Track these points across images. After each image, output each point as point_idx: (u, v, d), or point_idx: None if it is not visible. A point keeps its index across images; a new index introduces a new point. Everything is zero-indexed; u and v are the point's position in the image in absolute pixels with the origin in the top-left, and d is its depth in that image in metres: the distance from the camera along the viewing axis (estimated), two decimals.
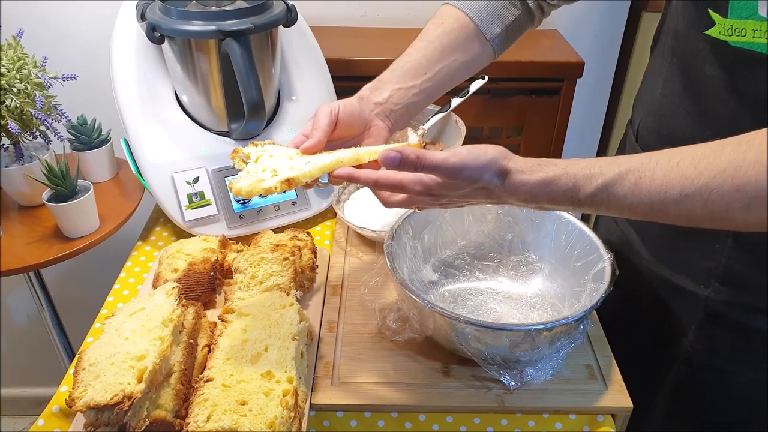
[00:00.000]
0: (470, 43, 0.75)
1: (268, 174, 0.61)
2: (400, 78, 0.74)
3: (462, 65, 0.76)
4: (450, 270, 0.83)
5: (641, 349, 0.82)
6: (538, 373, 0.67)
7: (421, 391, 0.68)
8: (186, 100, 0.93)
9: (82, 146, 1.05)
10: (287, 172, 0.61)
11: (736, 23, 0.57)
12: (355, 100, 0.72)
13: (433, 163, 0.54)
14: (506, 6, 0.76)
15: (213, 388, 0.61)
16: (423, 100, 0.76)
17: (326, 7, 1.30)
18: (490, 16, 0.75)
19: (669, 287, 0.76)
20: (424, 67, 0.74)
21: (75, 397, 0.57)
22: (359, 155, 0.62)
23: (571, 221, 0.77)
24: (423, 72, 0.74)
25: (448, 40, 0.74)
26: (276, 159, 0.64)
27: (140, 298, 0.73)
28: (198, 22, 0.83)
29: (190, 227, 0.90)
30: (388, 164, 0.54)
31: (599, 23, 1.37)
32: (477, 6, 0.75)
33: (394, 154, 0.54)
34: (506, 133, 1.30)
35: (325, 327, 0.76)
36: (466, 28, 0.75)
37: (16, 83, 0.91)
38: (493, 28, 0.75)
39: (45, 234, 0.95)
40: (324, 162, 0.62)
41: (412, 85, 0.74)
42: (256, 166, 0.63)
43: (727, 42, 0.59)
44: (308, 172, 0.61)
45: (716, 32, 0.59)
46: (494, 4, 0.75)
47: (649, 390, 0.81)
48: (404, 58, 0.75)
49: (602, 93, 1.47)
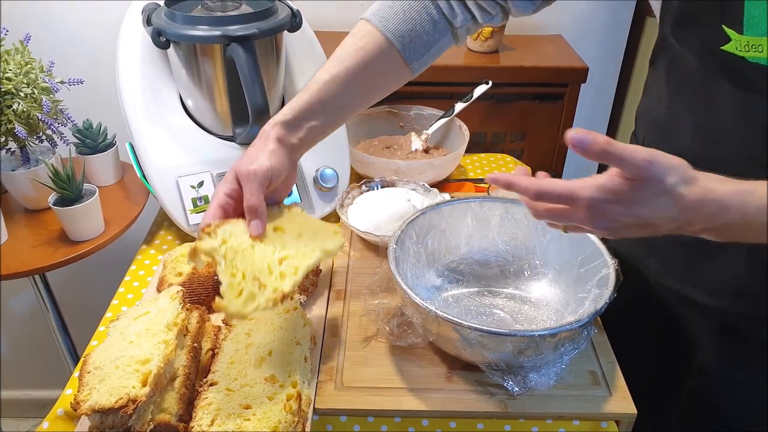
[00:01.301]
0: (390, 69, 0.71)
1: (250, 283, 0.58)
2: (316, 112, 0.68)
3: (377, 92, 0.73)
4: (454, 275, 0.83)
5: (650, 358, 0.81)
6: (541, 379, 0.67)
7: (424, 396, 0.68)
8: (191, 105, 0.93)
9: (87, 150, 1.05)
10: (272, 280, 0.59)
11: (753, 39, 0.56)
12: (282, 153, 0.66)
13: (622, 151, 0.48)
14: (429, 32, 0.70)
15: (217, 392, 0.61)
16: (330, 132, 0.72)
17: (331, 12, 1.30)
18: (413, 42, 0.69)
19: (679, 299, 0.75)
20: (339, 99, 0.69)
21: (80, 401, 0.58)
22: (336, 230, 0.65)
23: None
24: (339, 105, 0.70)
25: (366, 66, 0.68)
26: (242, 254, 0.60)
27: (145, 302, 0.73)
28: (203, 27, 0.83)
29: (195, 231, 0.91)
30: (577, 144, 0.48)
31: (603, 28, 1.37)
32: (399, 29, 0.69)
33: (582, 135, 0.48)
34: (509, 138, 1.30)
35: (329, 331, 0.76)
36: (387, 54, 0.69)
37: (23, 87, 0.92)
38: (415, 54, 0.70)
39: (50, 237, 0.96)
40: (308, 263, 0.62)
41: (325, 120, 0.69)
42: (231, 273, 0.58)
43: (744, 58, 0.58)
44: (296, 280, 0.60)
45: (733, 48, 0.58)
46: (417, 29, 0.69)
47: (660, 400, 0.81)
48: (321, 88, 0.68)
49: (606, 98, 1.47)
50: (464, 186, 1.10)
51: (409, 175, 1.01)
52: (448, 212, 0.82)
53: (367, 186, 0.99)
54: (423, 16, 0.69)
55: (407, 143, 1.14)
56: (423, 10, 0.69)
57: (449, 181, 1.11)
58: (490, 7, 0.71)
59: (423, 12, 0.69)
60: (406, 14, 0.69)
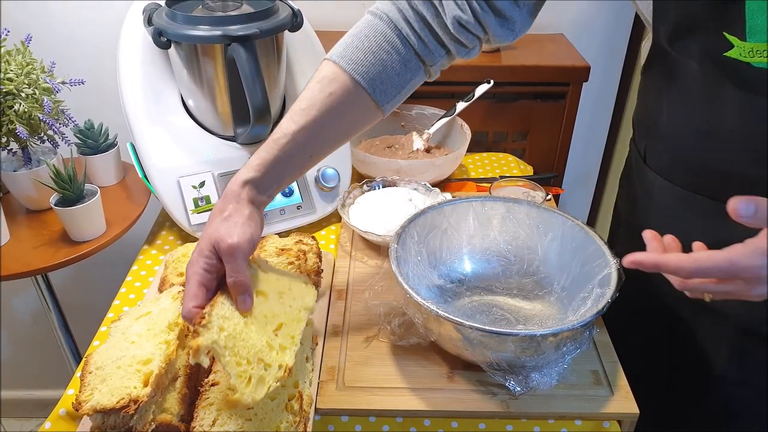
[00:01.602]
0: (362, 113, 0.68)
1: (256, 367, 0.57)
2: (285, 165, 0.65)
3: (347, 136, 0.70)
4: (455, 275, 0.83)
5: (652, 358, 0.81)
6: (543, 379, 0.67)
7: (426, 396, 0.68)
8: (192, 105, 0.93)
9: (89, 150, 1.05)
10: (274, 357, 0.59)
11: (756, 46, 0.56)
12: (256, 215, 0.63)
13: None
14: (401, 73, 0.66)
15: (219, 392, 0.61)
16: (297, 178, 0.71)
17: (332, 11, 1.30)
18: (384, 84, 0.65)
19: (691, 305, 0.75)
20: (309, 149, 0.66)
21: (81, 401, 0.58)
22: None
23: (577, 226, 0.77)
24: (309, 155, 0.66)
25: (335, 112, 0.65)
26: (241, 338, 0.58)
27: (146, 302, 0.73)
28: (204, 27, 0.83)
29: (196, 231, 0.91)
30: (743, 213, 0.47)
31: (605, 27, 1.37)
32: (371, 73, 0.64)
33: (745, 203, 0.46)
34: (511, 137, 1.30)
35: (330, 331, 0.76)
36: (357, 98, 0.65)
37: (25, 88, 0.92)
38: (388, 97, 0.67)
39: (52, 238, 0.96)
40: (300, 327, 0.63)
41: (294, 170, 0.67)
42: (237, 363, 0.56)
43: (749, 63, 0.57)
44: (296, 350, 0.61)
45: (736, 54, 0.57)
46: (389, 72, 0.65)
47: (662, 400, 0.80)
48: (290, 141, 0.64)
49: (608, 97, 1.46)
50: (466, 185, 1.10)
51: (410, 174, 1.01)
52: (450, 212, 0.82)
53: (369, 186, 0.99)
54: (393, 56, 0.65)
55: (409, 143, 1.14)
56: (393, 51, 0.65)
57: (451, 180, 1.11)
58: (468, 41, 0.66)
59: (393, 52, 0.65)
60: (376, 56, 0.64)
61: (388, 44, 0.65)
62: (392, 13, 0.65)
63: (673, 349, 0.80)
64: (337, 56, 0.65)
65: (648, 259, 0.52)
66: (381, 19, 0.65)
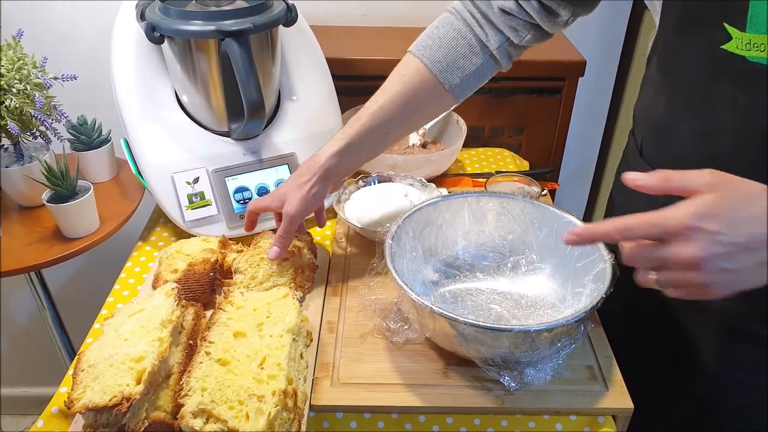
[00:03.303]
0: (430, 94, 0.76)
1: (248, 402, 0.58)
2: (367, 139, 0.75)
3: (421, 118, 0.80)
4: (450, 270, 0.82)
5: (647, 353, 0.81)
6: (538, 374, 0.67)
7: (421, 392, 0.68)
8: (186, 100, 0.93)
9: (82, 146, 1.05)
10: (266, 387, 0.60)
11: (754, 38, 0.56)
12: (320, 191, 0.76)
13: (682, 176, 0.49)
14: (466, 56, 0.75)
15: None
16: (371, 157, 0.81)
17: (327, 6, 1.29)
18: (449, 66, 0.74)
19: (679, 301, 0.75)
20: (386, 126, 0.76)
21: (74, 399, 0.57)
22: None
23: (573, 221, 0.77)
24: (386, 132, 0.76)
25: (406, 95, 0.75)
26: (224, 384, 0.60)
27: (140, 299, 0.73)
28: (198, 22, 0.83)
29: (190, 228, 0.90)
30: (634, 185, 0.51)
31: (601, 22, 1.36)
32: (436, 56, 0.74)
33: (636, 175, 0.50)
34: (508, 132, 1.30)
35: (325, 327, 0.76)
36: (427, 80, 0.75)
37: (16, 83, 0.91)
38: (452, 79, 0.75)
39: (45, 234, 0.95)
40: (286, 352, 0.64)
41: (372, 147, 0.78)
42: (229, 407, 0.58)
43: (745, 57, 0.57)
44: (286, 373, 0.62)
45: (733, 47, 0.58)
46: (453, 55, 0.74)
47: (657, 395, 0.80)
48: (371, 117, 0.75)
49: (605, 92, 1.46)
50: (462, 181, 1.10)
51: (406, 170, 1.01)
52: (445, 207, 0.82)
53: (364, 181, 0.99)
54: (459, 42, 0.74)
55: (405, 138, 1.13)
56: (460, 37, 0.74)
57: (447, 176, 1.10)
58: (521, 27, 0.74)
59: (460, 39, 0.74)
60: (442, 41, 0.74)
61: (454, 31, 0.75)
62: (458, 5, 0.76)
63: (666, 345, 0.80)
64: (413, 47, 0.76)
65: (583, 231, 0.52)
66: (450, 12, 0.77)
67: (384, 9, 1.31)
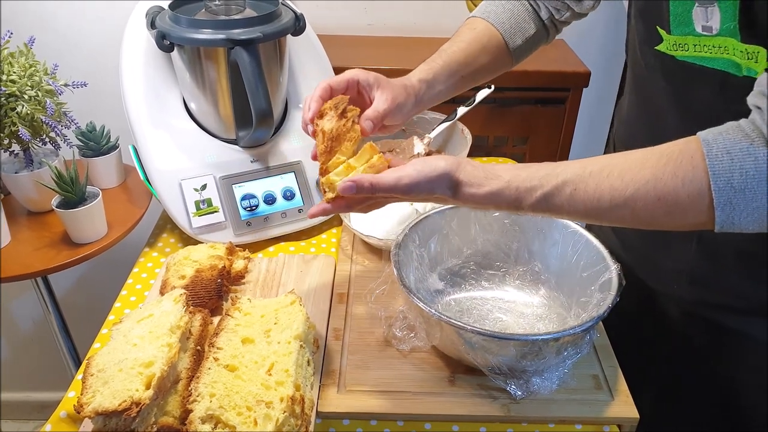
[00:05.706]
0: (496, 50, 0.80)
1: (256, 408, 0.59)
2: (446, 75, 0.78)
3: (485, 71, 0.82)
4: (456, 279, 0.83)
5: (652, 362, 0.82)
6: (544, 383, 0.67)
7: (427, 399, 0.68)
8: (194, 108, 0.94)
9: (91, 153, 1.05)
10: (274, 393, 0.61)
11: (678, 39, 0.61)
12: (411, 105, 0.75)
13: (387, 186, 0.57)
14: (527, 20, 0.81)
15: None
16: (442, 98, 0.80)
17: (333, 16, 1.31)
18: (513, 28, 0.80)
19: (648, 292, 0.79)
20: (461, 67, 0.78)
21: (83, 403, 0.57)
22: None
23: (578, 231, 0.77)
24: (461, 75, 0.79)
25: (479, 44, 0.79)
26: (233, 390, 0.61)
27: (148, 305, 0.73)
28: (207, 31, 0.84)
29: (198, 234, 0.91)
30: (346, 194, 0.58)
31: (605, 33, 1.38)
32: (501, 18, 0.80)
33: (350, 183, 0.58)
34: (512, 142, 1.31)
35: (332, 335, 0.76)
36: (494, 37, 0.80)
37: (27, 90, 0.92)
38: (516, 40, 0.81)
39: (53, 240, 0.96)
40: (294, 358, 0.64)
41: (448, 85, 0.79)
42: (237, 413, 0.59)
43: (674, 56, 0.62)
44: (293, 380, 0.62)
45: (664, 47, 0.63)
46: (516, 18, 0.80)
47: (662, 405, 0.81)
48: (449, 56, 0.78)
49: (608, 103, 1.47)
50: None
51: None
52: (451, 216, 0.82)
53: None
54: (519, 9, 0.80)
55: (409, 147, 1.14)
56: (519, 4, 0.81)
57: None
58: (560, 6, 0.80)
59: (519, 6, 0.81)
60: (505, 6, 0.81)
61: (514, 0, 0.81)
62: None
63: (669, 353, 0.80)
64: (476, 13, 0.82)
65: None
66: None
67: (389, 20, 1.32)
